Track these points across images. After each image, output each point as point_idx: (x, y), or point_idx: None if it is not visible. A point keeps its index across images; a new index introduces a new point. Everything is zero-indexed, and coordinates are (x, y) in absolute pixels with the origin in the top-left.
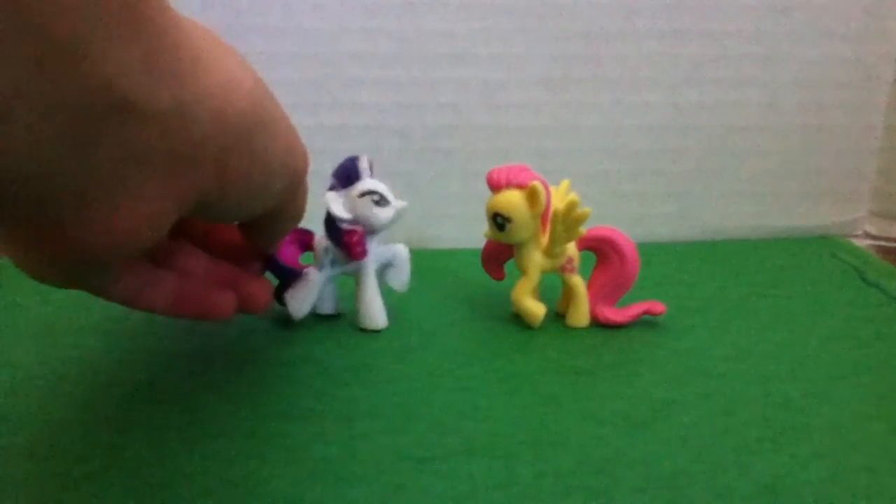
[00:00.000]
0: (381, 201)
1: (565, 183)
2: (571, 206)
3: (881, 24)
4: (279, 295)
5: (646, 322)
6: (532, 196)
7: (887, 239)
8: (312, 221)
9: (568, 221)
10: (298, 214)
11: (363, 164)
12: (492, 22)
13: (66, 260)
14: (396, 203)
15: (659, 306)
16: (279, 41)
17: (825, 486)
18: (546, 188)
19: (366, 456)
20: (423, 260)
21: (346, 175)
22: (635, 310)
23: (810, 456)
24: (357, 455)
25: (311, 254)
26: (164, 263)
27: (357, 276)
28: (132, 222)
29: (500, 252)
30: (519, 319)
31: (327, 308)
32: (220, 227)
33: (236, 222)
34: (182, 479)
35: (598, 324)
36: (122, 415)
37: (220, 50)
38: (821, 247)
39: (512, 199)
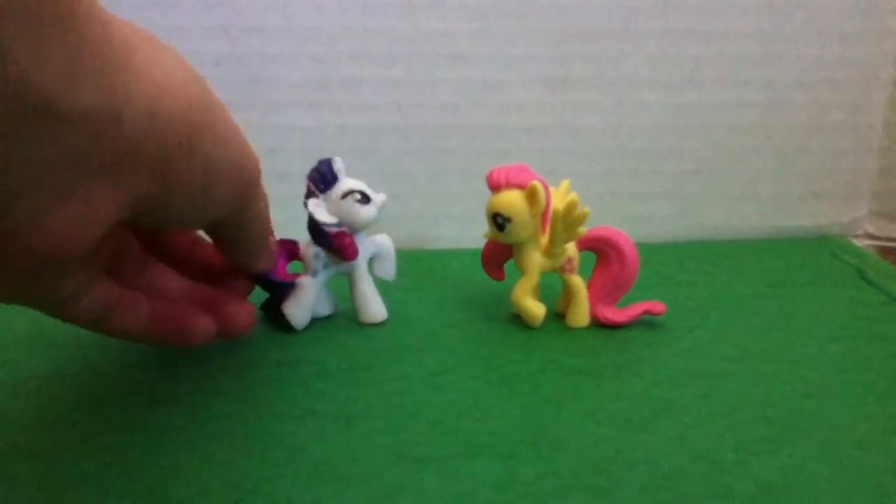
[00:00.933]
0: (364, 199)
1: (565, 183)
2: (571, 206)
3: (881, 24)
4: (276, 308)
5: (646, 322)
6: (532, 196)
7: (887, 239)
8: (297, 230)
9: (568, 221)
10: (262, 223)
11: (338, 166)
12: (492, 22)
13: (3, 267)
14: (377, 198)
15: (659, 306)
16: (279, 41)
17: (825, 486)
18: (546, 188)
19: (366, 456)
20: (424, 260)
21: (324, 179)
22: (635, 310)
23: (810, 456)
24: (357, 455)
25: (299, 262)
26: (135, 285)
27: (350, 275)
28: (65, 225)
29: (500, 252)
30: (519, 319)
31: (324, 309)
32: (203, 247)
33: (192, 229)
34: (182, 479)
35: (598, 324)
36: (121, 415)
37: (156, 52)
38: (821, 247)
39: (512, 199)
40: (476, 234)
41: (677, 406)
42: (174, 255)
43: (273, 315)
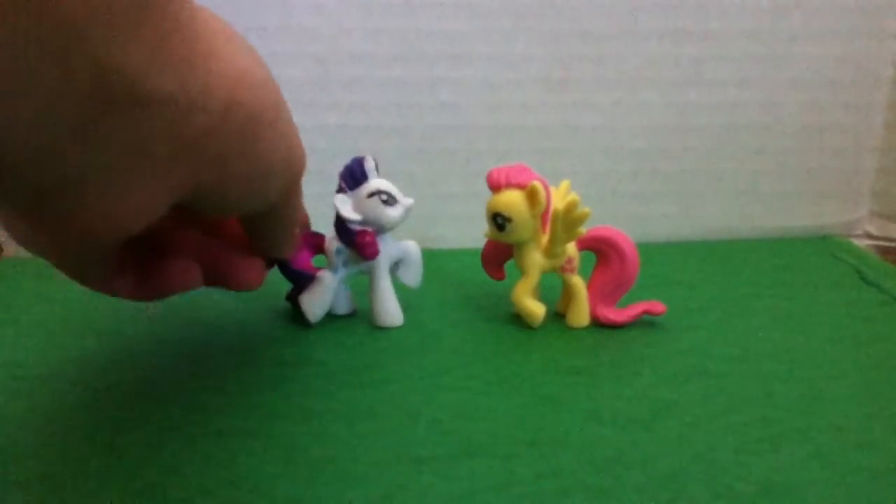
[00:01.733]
0: (390, 200)
1: (565, 183)
2: (571, 206)
3: (881, 24)
4: (294, 299)
5: (646, 322)
6: (532, 196)
7: (887, 239)
8: (322, 223)
9: (568, 221)
10: (295, 216)
11: (369, 165)
12: (492, 22)
13: (60, 238)
14: (404, 201)
15: (659, 306)
16: (279, 41)
17: (825, 486)
18: (546, 188)
19: (366, 456)
20: (424, 260)
21: (353, 176)
22: (635, 310)
23: (810, 456)
24: (357, 455)
25: (323, 256)
26: (154, 248)
27: (370, 275)
28: (128, 211)
29: (500, 252)
30: (519, 319)
31: (342, 308)
32: (232, 223)
33: (236, 216)
34: (182, 479)
35: (598, 324)
36: (122, 415)
37: (235, 43)
38: (821, 247)
39: (512, 199)
40: (476, 234)
41: (677, 406)
42: (201, 226)
43: (295, 304)
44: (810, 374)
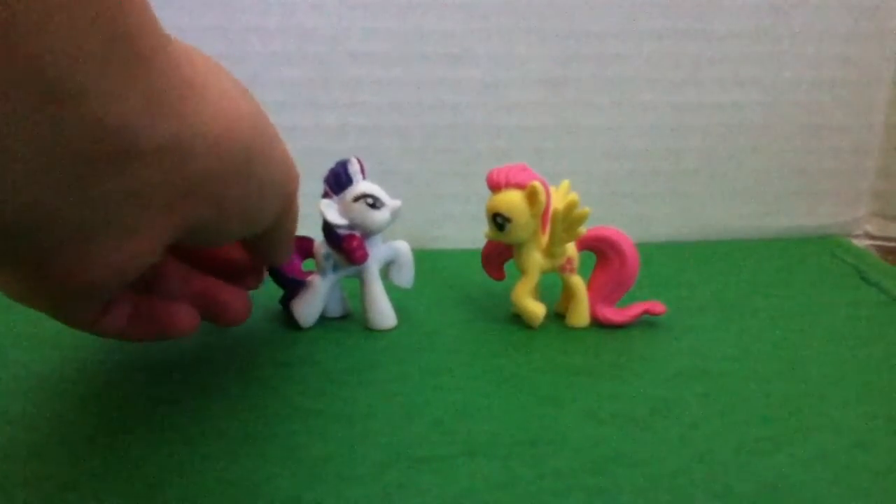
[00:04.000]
0: (376, 203)
1: (565, 183)
2: (571, 206)
3: (881, 24)
4: (285, 305)
5: (646, 322)
6: (532, 196)
7: (887, 239)
8: (312, 227)
9: (568, 221)
10: (292, 228)
11: (353, 168)
12: (492, 22)
13: (58, 292)
14: (391, 203)
15: (659, 306)
16: (279, 41)
17: (825, 486)
18: (546, 188)
19: (366, 456)
20: (423, 260)
21: (338, 180)
22: (635, 310)
23: (810, 456)
24: (357, 455)
25: (313, 260)
26: (136, 284)
27: (361, 278)
28: (128, 256)
29: (500, 252)
30: (519, 319)
31: (335, 311)
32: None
33: (231, 243)
34: (182, 479)
35: (598, 324)
36: (122, 415)
37: (219, 78)
38: (821, 247)
39: (512, 199)
40: (476, 234)
41: (677, 406)
42: (184, 253)
43: (288, 309)
44: (810, 374)
